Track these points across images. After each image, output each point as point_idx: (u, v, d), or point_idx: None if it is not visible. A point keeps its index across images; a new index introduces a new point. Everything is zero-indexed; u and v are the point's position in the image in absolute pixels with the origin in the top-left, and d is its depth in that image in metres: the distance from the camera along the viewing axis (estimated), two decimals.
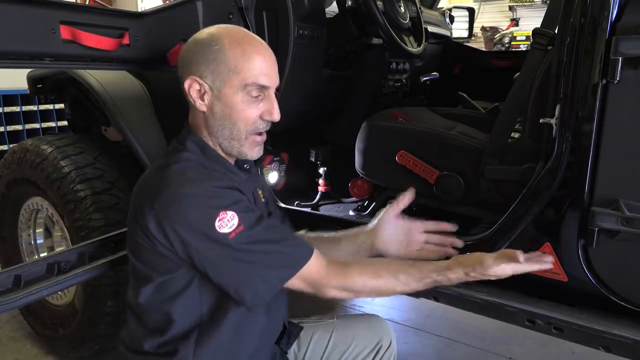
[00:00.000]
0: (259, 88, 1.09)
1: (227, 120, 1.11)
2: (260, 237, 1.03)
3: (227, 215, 1.00)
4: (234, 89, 1.08)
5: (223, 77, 1.08)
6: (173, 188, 1.01)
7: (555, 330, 1.33)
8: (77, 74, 1.90)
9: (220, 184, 1.06)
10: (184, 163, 1.09)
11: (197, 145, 1.13)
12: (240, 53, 1.07)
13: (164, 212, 1.00)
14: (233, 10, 1.59)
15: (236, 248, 1.00)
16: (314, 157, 2.19)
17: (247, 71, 1.07)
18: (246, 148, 1.14)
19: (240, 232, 1.00)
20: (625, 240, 1.19)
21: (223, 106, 1.10)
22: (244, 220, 1.01)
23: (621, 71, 1.13)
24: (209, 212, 1.00)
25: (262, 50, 1.11)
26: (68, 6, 1.29)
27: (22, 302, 1.30)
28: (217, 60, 1.08)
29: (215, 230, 0.99)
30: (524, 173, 1.48)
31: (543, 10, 1.74)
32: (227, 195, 1.04)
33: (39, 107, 4.29)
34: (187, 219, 0.99)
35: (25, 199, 2.13)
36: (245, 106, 1.09)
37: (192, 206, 1.00)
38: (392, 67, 2.29)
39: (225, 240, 0.99)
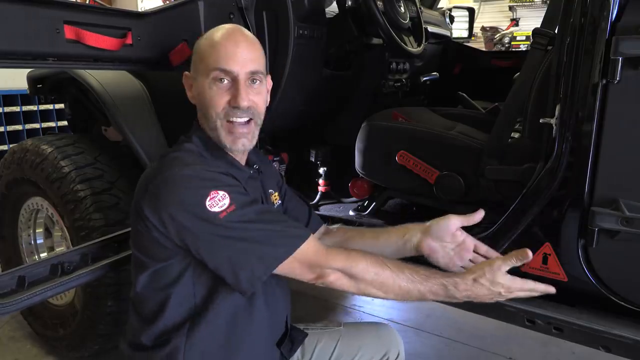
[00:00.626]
0: (222, 72, 1.10)
1: (202, 109, 1.15)
2: (253, 217, 1.03)
3: (218, 195, 1.00)
4: (203, 76, 1.12)
5: (196, 67, 1.15)
6: (166, 171, 1.03)
7: (555, 330, 1.33)
8: (77, 74, 1.90)
9: (214, 169, 1.07)
10: (183, 152, 1.11)
11: (201, 140, 1.16)
12: (209, 42, 1.13)
13: (157, 194, 1.02)
14: (233, 10, 1.59)
15: (228, 227, 1.00)
16: (314, 157, 2.19)
17: (211, 57, 1.11)
18: (223, 137, 1.14)
19: (231, 211, 1.00)
20: (625, 240, 1.20)
21: (199, 96, 1.15)
22: (236, 201, 1.01)
23: (621, 71, 1.13)
24: (199, 192, 1.00)
25: (233, 36, 1.13)
26: (72, 6, 1.29)
27: (26, 303, 1.29)
28: (195, 52, 1.16)
29: (206, 209, 0.98)
30: (524, 173, 1.48)
31: (543, 10, 1.74)
32: (219, 178, 1.05)
33: (39, 107, 4.29)
34: (178, 200, 1.00)
35: (25, 199, 2.13)
36: (212, 92, 1.11)
37: (183, 187, 1.01)
38: (392, 67, 2.29)
39: (216, 220, 0.99)
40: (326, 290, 2.79)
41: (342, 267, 1.05)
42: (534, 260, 1.35)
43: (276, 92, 1.81)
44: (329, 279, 1.06)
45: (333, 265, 1.05)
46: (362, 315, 2.57)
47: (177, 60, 1.53)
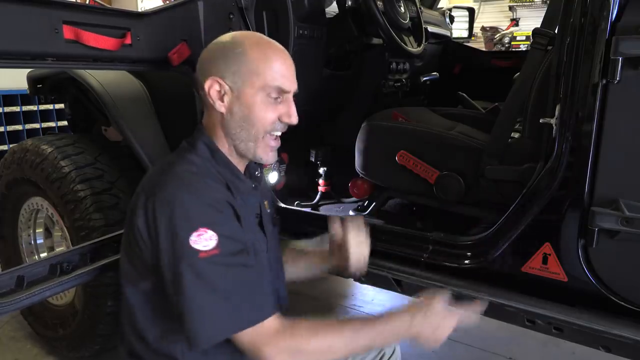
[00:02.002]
0: (279, 91, 1.10)
1: (245, 121, 1.11)
2: (229, 271, 0.98)
3: (205, 234, 0.97)
4: (254, 90, 1.09)
5: (244, 78, 1.09)
6: (166, 190, 1.01)
7: (555, 330, 1.33)
8: (77, 74, 1.90)
9: (216, 196, 1.04)
10: (187, 165, 1.08)
11: (207, 147, 1.13)
12: (261, 55, 1.09)
13: (152, 211, 1.00)
14: (233, 10, 1.59)
15: (200, 270, 0.95)
16: (314, 157, 2.19)
17: (268, 73, 1.09)
18: (261, 151, 1.14)
19: (213, 254, 0.96)
20: (625, 240, 1.20)
21: (242, 107, 1.10)
22: (222, 245, 0.97)
23: (621, 71, 1.13)
24: (189, 224, 0.97)
25: (283, 54, 1.13)
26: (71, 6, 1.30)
27: (25, 302, 1.30)
28: (238, 62, 1.09)
29: (188, 243, 0.95)
30: (524, 173, 1.48)
31: (543, 10, 1.74)
32: (216, 213, 1.01)
33: (39, 107, 4.29)
34: (169, 224, 0.98)
35: (25, 199, 2.13)
36: (264, 107, 1.10)
37: (178, 212, 0.98)
38: (392, 67, 2.29)
39: (194, 257, 0.95)
40: (326, 291, 2.80)
41: (286, 347, 1.02)
42: (534, 260, 1.35)
43: None
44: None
45: (279, 346, 1.01)
46: (362, 315, 2.57)
47: (176, 60, 1.54)
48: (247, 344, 1.00)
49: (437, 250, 1.52)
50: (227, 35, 1.15)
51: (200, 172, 1.08)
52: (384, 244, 1.62)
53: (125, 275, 1.11)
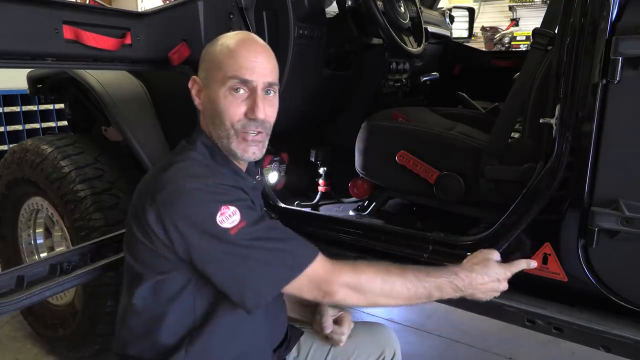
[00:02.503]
0: (241, 82, 1.07)
1: (215, 117, 1.10)
2: (263, 234, 1.01)
3: (228, 211, 0.97)
4: (217, 84, 1.09)
5: (209, 73, 1.11)
6: (174, 183, 1.00)
7: (555, 330, 1.33)
8: (77, 74, 1.90)
9: (224, 181, 1.04)
10: (189, 161, 1.08)
11: (206, 146, 1.13)
12: (226, 49, 1.10)
13: (164, 207, 0.98)
14: (233, 10, 1.59)
15: (238, 244, 0.97)
16: (314, 157, 2.19)
17: (228, 65, 1.08)
18: (235, 146, 1.11)
19: (242, 227, 0.97)
20: (625, 240, 1.19)
21: (210, 102, 1.11)
22: (246, 217, 0.99)
23: (621, 71, 1.13)
24: (210, 207, 0.97)
25: (250, 45, 1.11)
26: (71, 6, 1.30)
27: (25, 302, 1.30)
28: (207, 58, 1.13)
29: (216, 225, 0.96)
30: (524, 173, 1.48)
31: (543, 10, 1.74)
32: (230, 192, 1.02)
33: (39, 107, 4.28)
34: (187, 215, 0.97)
35: (25, 199, 2.13)
36: (228, 102, 1.08)
37: (193, 202, 0.98)
38: (392, 67, 2.29)
39: (227, 236, 0.96)
40: None
41: (350, 282, 1.04)
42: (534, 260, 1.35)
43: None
44: (337, 297, 1.04)
45: (341, 280, 1.03)
46: (362, 315, 2.57)
47: (176, 60, 1.54)
48: (309, 287, 1.02)
49: (437, 250, 1.52)
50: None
51: (204, 164, 1.09)
52: (384, 244, 1.62)
53: (133, 275, 1.09)
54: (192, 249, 0.99)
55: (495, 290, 1.15)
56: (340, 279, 1.03)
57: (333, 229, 1.73)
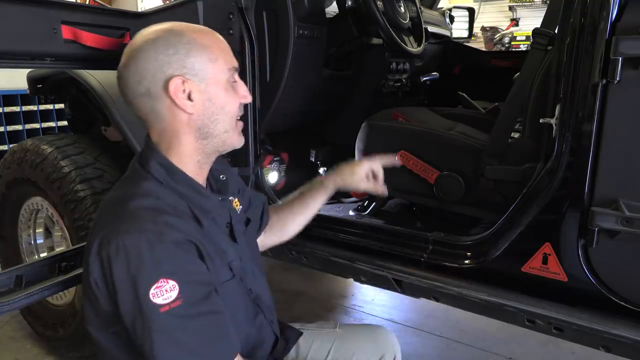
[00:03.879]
0: (235, 71, 1.05)
1: (216, 114, 1.02)
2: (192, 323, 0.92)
3: (166, 285, 0.89)
4: (218, 79, 1.01)
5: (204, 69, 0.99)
6: (120, 237, 0.91)
7: (555, 330, 1.33)
8: (77, 74, 1.90)
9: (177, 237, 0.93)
10: (142, 199, 0.96)
11: (162, 166, 1.02)
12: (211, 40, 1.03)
13: (107, 260, 0.91)
14: (233, 10, 1.59)
15: (163, 324, 0.89)
16: (314, 157, 2.19)
17: (221, 56, 1.02)
18: (235, 137, 1.08)
19: (175, 307, 0.89)
20: (625, 240, 1.19)
21: (209, 102, 1.01)
22: (184, 294, 0.90)
23: (621, 71, 1.13)
24: (148, 276, 0.89)
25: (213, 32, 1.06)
26: (69, 6, 1.29)
27: (23, 302, 1.29)
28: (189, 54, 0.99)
29: (148, 297, 0.88)
30: (524, 173, 1.48)
31: (543, 10, 1.74)
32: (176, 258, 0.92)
33: (39, 107, 4.28)
34: (126, 276, 0.90)
35: (25, 199, 2.13)
36: (229, 94, 1.04)
37: (134, 264, 0.89)
38: (392, 67, 2.29)
39: (154, 312, 0.89)
40: (326, 291, 2.80)
41: None
42: (534, 260, 1.35)
43: (276, 92, 1.82)
44: None
45: None
46: (362, 315, 2.57)
47: None
48: None
49: (437, 250, 1.52)
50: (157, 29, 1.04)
51: (157, 205, 0.97)
52: (384, 244, 1.62)
53: (89, 320, 1.02)
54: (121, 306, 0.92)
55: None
56: None
57: (333, 229, 1.73)
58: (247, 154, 1.69)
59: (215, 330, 0.95)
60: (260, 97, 1.70)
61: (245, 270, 1.15)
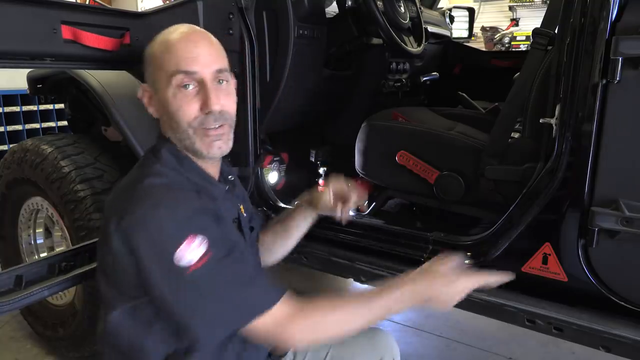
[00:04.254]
0: (186, 76, 1.01)
1: (171, 120, 1.04)
2: (224, 272, 0.94)
3: (194, 242, 0.91)
4: (164, 85, 1.02)
5: (154, 76, 1.05)
6: (140, 209, 0.94)
7: (555, 330, 1.33)
8: (77, 74, 1.90)
9: (193, 204, 0.98)
10: (157, 178, 1.01)
11: (172, 154, 1.06)
12: (163, 46, 1.03)
13: (129, 233, 0.94)
14: (233, 10, 1.59)
15: (197, 279, 0.91)
16: (314, 157, 2.19)
17: (168, 61, 1.01)
18: (199, 145, 1.04)
19: (205, 262, 0.91)
20: (625, 240, 1.19)
21: (162, 106, 1.05)
22: (212, 249, 0.93)
23: (621, 71, 1.13)
24: (174, 237, 0.92)
25: (187, 36, 1.04)
26: (69, 6, 1.30)
27: (23, 302, 1.29)
28: (148, 61, 1.07)
29: (177, 258, 0.90)
30: (524, 173, 1.48)
31: (543, 10, 1.74)
32: (198, 220, 0.96)
33: (39, 107, 4.28)
34: (151, 243, 0.93)
35: (25, 199, 2.13)
36: (179, 101, 1.01)
37: (158, 230, 0.92)
38: (392, 67, 2.29)
39: (187, 271, 0.91)
40: (326, 291, 2.79)
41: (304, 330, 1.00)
42: (534, 260, 1.35)
43: (276, 92, 1.81)
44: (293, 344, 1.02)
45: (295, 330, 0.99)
46: None
47: None
48: (264, 333, 0.97)
49: (437, 250, 1.52)
50: None
51: (170, 183, 1.01)
52: (384, 244, 1.62)
53: (107, 300, 1.05)
54: (147, 277, 0.94)
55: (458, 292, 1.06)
56: (294, 329, 0.99)
57: (333, 229, 1.73)
58: (247, 154, 1.69)
59: (249, 275, 0.98)
60: (260, 97, 1.70)
61: None
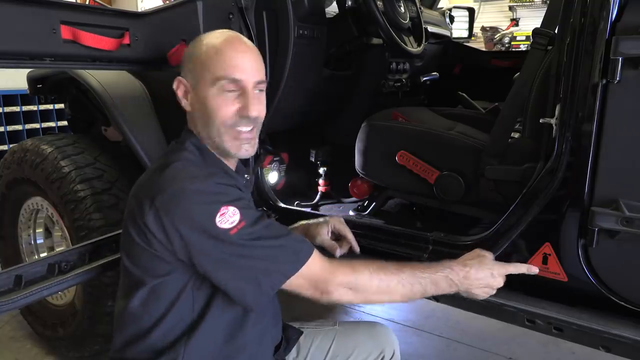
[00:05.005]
0: (232, 82, 1.09)
1: (206, 117, 1.11)
2: (261, 233, 1.02)
3: (228, 211, 0.99)
4: (207, 84, 1.09)
5: (197, 74, 1.11)
6: (173, 185, 1.00)
7: (555, 330, 1.33)
8: (77, 74, 1.90)
9: (222, 180, 1.05)
10: (184, 162, 1.08)
11: (196, 147, 1.13)
12: (213, 49, 1.10)
13: (164, 209, 0.99)
14: (233, 10, 1.59)
15: (238, 244, 0.99)
16: (314, 157, 2.19)
17: (217, 65, 1.08)
18: (229, 146, 1.12)
19: (241, 228, 0.99)
20: (625, 240, 1.19)
21: (199, 103, 1.11)
22: (245, 217, 1.00)
23: (621, 71, 1.13)
24: (210, 208, 0.99)
25: (237, 45, 1.12)
26: (69, 6, 1.29)
27: (22, 302, 1.29)
28: (193, 59, 1.12)
29: (216, 226, 0.98)
30: (524, 173, 1.48)
31: (543, 10, 1.74)
32: (229, 192, 1.04)
33: (39, 107, 4.29)
34: (188, 217, 0.98)
35: (25, 199, 2.13)
36: (219, 102, 1.09)
37: (192, 203, 0.99)
38: (392, 67, 2.29)
39: (227, 237, 0.98)
40: None
41: (347, 281, 1.06)
42: (534, 260, 1.35)
43: (276, 92, 1.81)
44: (335, 296, 1.06)
45: (338, 279, 1.05)
46: (362, 315, 2.57)
47: (175, 61, 1.53)
48: (307, 285, 1.04)
49: (437, 250, 1.52)
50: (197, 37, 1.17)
51: (197, 163, 1.10)
52: (384, 244, 1.62)
53: (133, 280, 1.09)
54: (192, 250, 1.00)
55: (491, 286, 1.17)
56: (337, 279, 1.05)
57: None
58: None
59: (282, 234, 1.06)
60: None
61: None
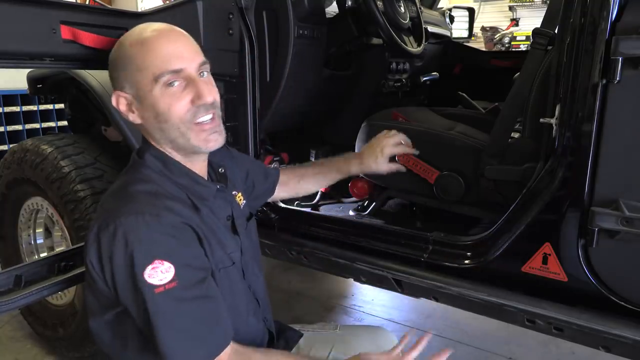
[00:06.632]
0: (173, 74, 1.00)
1: (161, 122, 1.02)
2: (187, 303, 0.94)
3: (162, 266, 0.91)
4: (148, 87, 1.00)
5: (133, 80, 1.02)
6: (119, 219, 0.93)
7: (555, 330, 1.33)
8: (77, 74, 1.90)
9: (173, 219, 0.96)
10: (142, 185, 1.01)
11: (157, 158, 1.05)
12: (139, 48, 1.01)
13: (106, 243, 0.94)
14: (233, 10, 1.59)
15: (157, 304, 0.91)
16: (314, 157, 2.19)
17: (150, 62, 1.00)
18: (196, 142, 1.03)
19: (169, 288, 0.91)
20: (625, 240, 1.19)
21: (148, 111, 1.02)
22: (179, 277, 0.92)
23: (621, 71, 1.13)
24: (144, 257, 0.91)
25: (163, 34, 1.03)
26: (69, 6, 1.29)
27: (22, 302, 1.30)
28: (120, 66, 1.04)
29: (143, 278, 0.90)
30: (524, 173, 1.48)
31: (543, 10, 1.74)
32: (173, 240, 0.95)
33: (39, 107, 4.29)
34: (121, 257, 0.92)
35: (25, 199, 2.13)
36: (167, 100, 1.00)
37: (129, 245, 0.92)
38: (392, 67, 2.29)
39: (149, 294, 0.91)
40: (326, 291, 2.80)
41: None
42: (534, 260, 1.35)
43: (276, 92, 1.82)
44: None
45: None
46: (362, 315, 2.57)
47: None
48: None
49: (437, 250, 1.52)
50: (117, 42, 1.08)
51: (157, 190, 1.01)
52: (384, 244, 1.62)
53: (89, 309, 1.05)
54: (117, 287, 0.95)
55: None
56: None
57: (333, 229, 1.73)
58: (247, 153, 1.69)
59: (210, 314, 0.98)
60: (260, 97, 1.70)
61: (246, 264, 1.18)
